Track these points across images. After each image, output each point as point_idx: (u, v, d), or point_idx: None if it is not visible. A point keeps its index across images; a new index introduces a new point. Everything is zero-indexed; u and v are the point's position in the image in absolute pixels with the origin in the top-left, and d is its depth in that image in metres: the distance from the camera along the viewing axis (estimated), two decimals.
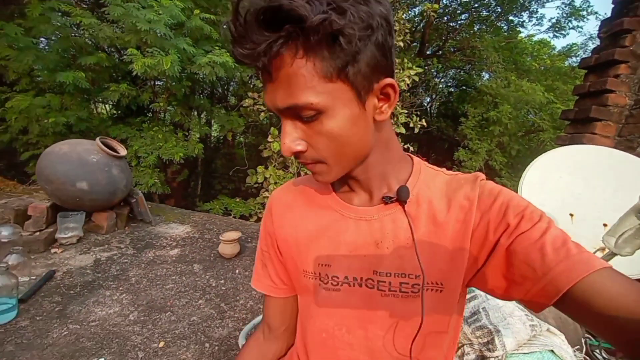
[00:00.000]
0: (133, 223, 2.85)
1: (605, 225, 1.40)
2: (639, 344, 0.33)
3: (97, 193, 2.34)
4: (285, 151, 0.43)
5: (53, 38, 3.84)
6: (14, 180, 3.66)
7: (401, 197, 0.50)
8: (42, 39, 3.98)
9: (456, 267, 0.47)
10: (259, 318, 1.12)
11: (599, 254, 1.29)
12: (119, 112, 5.24)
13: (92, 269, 2.11)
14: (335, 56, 0.38)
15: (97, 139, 2.47)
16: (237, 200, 5.28)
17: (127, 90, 3.96)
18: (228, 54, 3.97)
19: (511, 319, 0.96)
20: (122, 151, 2.60)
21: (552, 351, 0.81)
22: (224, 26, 0.40)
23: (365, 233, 0.52)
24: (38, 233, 2.22)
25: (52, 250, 2.24)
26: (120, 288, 1.95)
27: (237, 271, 2.30)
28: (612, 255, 1.13)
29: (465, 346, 0.90)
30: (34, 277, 1.89)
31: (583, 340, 1.30)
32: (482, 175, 0.52)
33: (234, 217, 4.70)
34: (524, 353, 0.79)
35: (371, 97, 0.44)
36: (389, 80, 0.44)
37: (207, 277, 2.18)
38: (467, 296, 1.15)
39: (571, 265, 0.37)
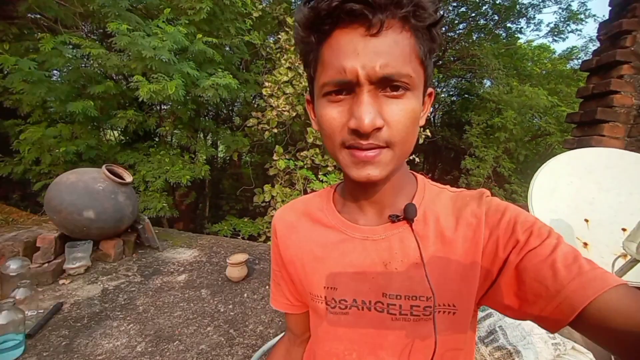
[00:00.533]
0: (140, 249, 2.85)
1: (624, 230, 1.34)
2: None
3: (104, 221, 2.36)
4: (367, 125, 0.38)
5: (64, 70, 4.00)
6: (27, 211, 3.73)
7: (408, 215, 0.49)
8: (54, 71, 4.15)
9: (468, 287, 0.46)
10: (269, 344, 1.08)
11: (621, 261, 1.23)
12: (127, 138, 5.36)
13: (100, 299, 2.10)
14: (427, 42, 0.41)
15: (103, 166, 2.51)
16: (246, 220, 5.28)
17: (134, 116, 4.06)
18: (231, 76, 4.07)
19: (531, 338, 0.90)
20: (128, 178, 2.64)
21: None
22: None
23: (373, 253, 0.50)
24: (47, 264, 2.23)
25: (61, 282, 2.24)
26: (128, 318, 1.93)
27: (245, 295, 2.25)
28: (635, 261, 1.07)
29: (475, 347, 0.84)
30: (41, 311, 1.88)
31: (613, 358, 1.22)
32: (487, 192, 0.51)
33: (243, 238, 4.68)
34: None
35: (424, 98, 0.46)
36: (431, 88, 0.46)
37: (215, 302, 2.14)
38: (482, 314, 1.09)
39: (585, 283, 0.36)
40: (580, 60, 8.85)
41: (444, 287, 0.46)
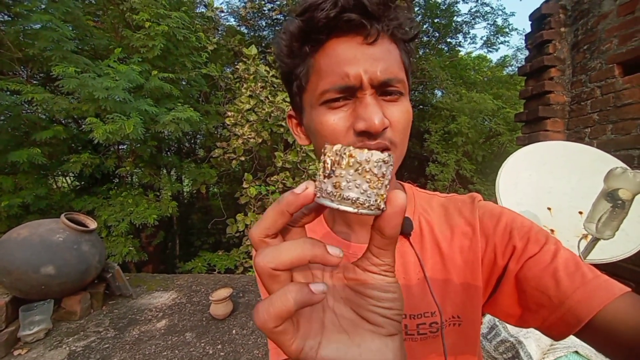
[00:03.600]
0: (111, 300, 2.60)
1: (580, 212, 1.47)
2: None
3: (66, 275, 2.13)
4: (377, 125, 0.39)
5: (1, 117, 3.69)
6: None
7: (405, 230, 0.48)
8: None
9: (471, 297, 0.45)
10: None
11: (584, 242, 1.34)
12: (82, 182, 5.01)
13: None
14: (407, 55, 0.45)
15: (62, 215, 2.30)
16: (220, 253, 5.06)
17: (90, 160, 3.82)
18: (191, 109, 4.02)
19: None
20: (92, 224, 2.44)
21: (576, 352, 0.79)
22: None
23: None
24: None
25: (16, 352, 1.95)
26: None
27: (234, 332, 2.12)
28: (596, 240, 1.17)
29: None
30: None
31: None
32: (479, 196, 0.51)
33: (220, 273, 4.46)
34: None
35: None
36: None
37: (203, 344, 2.00)
38: None
39: (590, 293, 0.35)
40: (513, 67, 9.96)
41: (446, 299, 0.45)
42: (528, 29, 2.59)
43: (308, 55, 0.43)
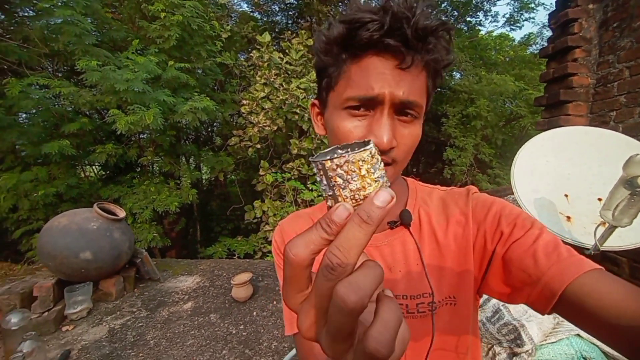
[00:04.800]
0: (141, 283, 2.79)
1: (600, 199, 1.45)
2: (634, 344, 0.31)
3: (102, 260, 2.31)
4: (385, 144, 0.43)
5: (34, 111, 3.90)
6: (8, 261, 3.57)
7: (405, 221, 0.54)
8: (21, 114, 4.03)
9: (464, 279, 0.50)
10: (289, 356, 1.10)
11: (601, 229, 1.33)
12: (108, 172, 5.23)
13: (108, 340, 2.05)
14: (435, 80, 0.48)
15: (95, 205, 2.47)
16: (239, 239, 5.23)
17: (114, 150, 3.99)
18: (208, 98, 4.09)
19: (532, 310, 0.97)
20: (121, 213, 2.60)
21: (578, 335, 0.83)
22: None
23: (377, 259, 0.54)
24: (47, 313, 2.15)
25: (64, 329, 2.17)
26: (141, 354, 1.89)
27: (254, 313, 2.26)
28: (613, 228, 1.17)
29: (495, 346, 0.91)
30: None
31: None
32: (475, 189, 0.56)
33: (239, 257, 4.63)
34: (552, 343, 0.81)
35: None
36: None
37: (226, 325, 2.14)
38: (485, 297, 1.16)
39: (562, 269, 0.38)
40: (537, 46, 9.41)
41: (442, 282, 0.50)
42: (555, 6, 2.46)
43: (343, 61, 0.46)
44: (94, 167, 5.30)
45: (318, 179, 0.25)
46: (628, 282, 0.35)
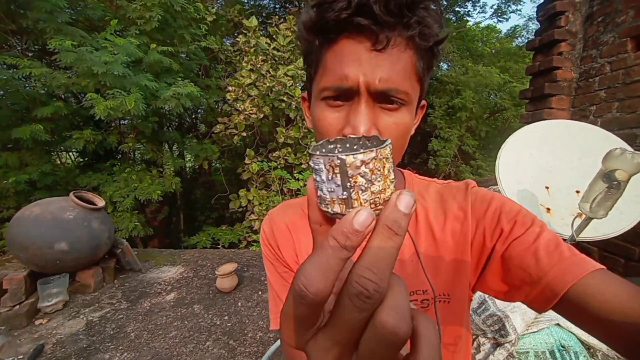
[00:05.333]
0: (122, 274, 2.72)
1: (577, 192, 1.49)
2: (636, 345, 0.31)
3: (79, 251, 2.22)
4: (362, 133, 0.39)
5: (1, 93, 3.66)
6: None
7: None
8: None
9: (460, 277, 0.48)
10: (273, 348, 1.09)
11: (578, 220, 1.37)
12: (86, 159, 5.03)
13: (85, 333, 1.99)
14: (427, 59, 0.43)
15: (71, 193, 2.36)
16: (224, 228, 5.17)
17: (92, 136, 3.82)
18: (192, 84, 3.95)
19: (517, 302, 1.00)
20: (100, 202, 2.50)
21: (558, 324, 0.85)
22: None
23: None
24: (18, 307, 2.06)
25: (37, 322, 2.09)
26: (120, 347, 1.85)
27: (239, 304, 2.24)
28: (589, 219, 1.20)
29: (479, 337, 0.93)
30: (20, 357, 1.76)
31: None
32: (473, 183, 0.53)
33: (224, 247, 4.59)
34: (533, 332, 0.83)
35: (417, 110, 0.47)
36: (424, 101, 0.49)
37: (210, 316, 2.12)
38: None
39: (565, 269, 0.37)
40: (523, 39, 9.54)
41: (437, 278, 0.48)
42: None
43: (318, 48, 0.43)
44: (71, 153, 5.08)
45: (321, 178, 0.21)
46: (632, 283, 0.35)
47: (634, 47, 1.90)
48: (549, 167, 1.62)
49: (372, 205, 0.20)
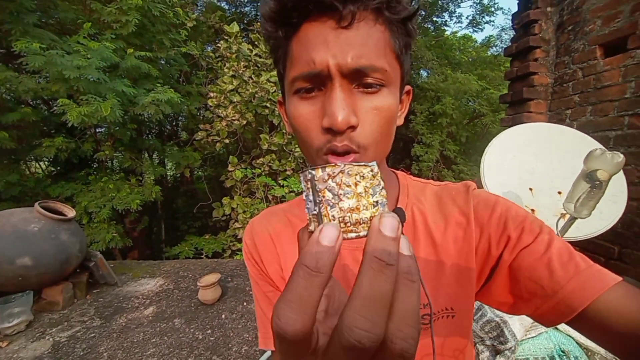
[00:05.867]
0: (95, 289, 2.55)
1: (559, 193, 1.52)
2: None
3: (45, 266, 2.06)
4: (341, 123, 0.35)
5: None
6: None
7: None
8: None
9: (464, 288, 0.44)
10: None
11: (562, 221, 1.39)
12: (58, 168, 4.79)
13: (51, 356, 1.82)
14: (402, 37, 0.39)
15: (36, 204, 2.20)
16: (207, 237, 5.03)
17: (64, 144, 3.63)
18: (172, 90, 3.84)
19: None
20: (70, 212, 2.34)
21: (556, 328, 0.84)
22: None
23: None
24: None
25: None
26: None
27: (223, 316, 2.14)
28: (574, 219, 1.22)
29: (477, 345, 0.90)
30: None
31: None
32: (473, 184, 0.49)
33: (207, 257, 4.44)
34: (532, 337, 0.81)
35: (401, 96, 0.43)
36: (408, 86, 0.45)
37: (192, 330, 2.00)
38: None
39: (583, 283, 0.35)
40: (497, 48, 9.99)
41: (439, 291, 0.44)
42: (513, 8, 2.57)
43: (282, 40, 0.39)
44: (41, 162, 4.81)
45: (304, 196, 0.21)
46: None
47: (602, 54, 1.99)
48: (531, 169, 1.65)
49: (342, 224, 0.20)
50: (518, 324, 0.84)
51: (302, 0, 0.35)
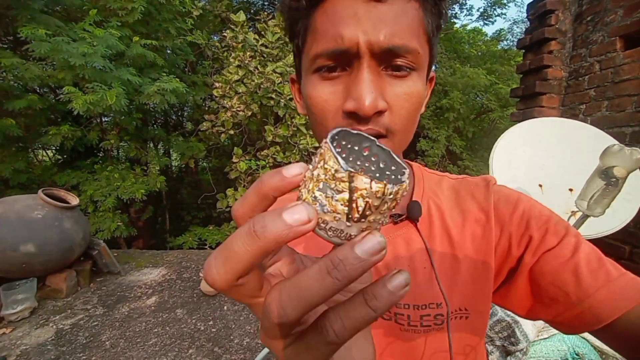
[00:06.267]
0: (98, 277, 2.57)
1: (571, 190, 1.47)
2: None
3: (48, 253, 2.07)
4: (368, 107, 0.32)
5: None
6: None
7: (413, 215, 0.43)
8: None
9: (481, 288, 0.42)
10: (261, 355, 1.02)
11: (573, 219, 1.35)
12: (64, 156, 4.82)
13: (54, 343, 1.84)
14: (435, 17, 0.36)
15: (40, 191, 2.20)
16: (211, 228, 5.05)
17: (70, 132, 3.64)
18: (177, 80, 3.81)
19: None
20: (74, 200, 2.35)
21: None
22: None
23: None
24: None
25: (0, 332, 1.93)
26: (93, 358, 1.72)
27: (225, 308, 2.14)
28: (585, 217, 1.18)
29: (487, 345, 0.87)
30: None
31: None
32: (494, 179, 0.46)
33: (211, 248, 4.47)
34: (544, 339, 0.78)
35: (427, 81, 0.41)
36: (432, 72, 0.42)
37: (194, 321, 2.01)
38: None
39: (615, 293, 0.32)
40: (508, 42, 9.76)
41: (454, 291, 0.42)
42: (526, 1, 2.47)
43: (304, 10, 0.36)
44: (48, 150, 4.85)
45: (313, 158, 0.18)
46: None
47: (622, 46, 1.91)
48: (541, 164, 1.60)
49: (321, 219, 0.17)
50: (530, 325, 0.81)
51: None
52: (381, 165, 0.22)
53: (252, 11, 7.37)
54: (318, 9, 0.35)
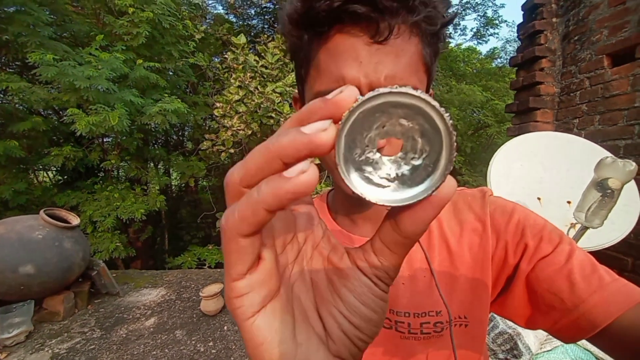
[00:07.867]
0: (97, 299, 2.52)
1: (569, 202, 1.48)
2: None
3: (47, 274, 2.05)
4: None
5: None
6: None
7: None
8: None
9: (479, 296, 0.43)
10: None
11: (572, 231, 1.35)
12: (65, 177, 4.84)
13: None
14: (434, 45, 0.38)
15: (41, 211, 2.20)
16: (210, 247, 4.99)
17: (72, 153, 3.68)
18: (179, 100, 3.89)
19: None
20: (74, 220, 2.35)
21: None
22: None
23: None
24: None
25: None
26: None
27: (225, 328, 2.09)
28: (585, 229, 1.18)
29: (490, 358, 0.85)
30: None
31: None
32: (490, 190, 0.48)
33: (210, 267, 4.41)
34: (547, 351, 0.77)
35: None
36: (431, 91, 0.45)
37: (193, 342, 1.96)
38: None
39: (608, 297, 0.33)
40: (501, 59, 10.05)
41: (453, 299, 0.43)
42: (517, 21, 2.59)
43: (307, 44, 0.38)
44: (49, 171, 4.88)
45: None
46: None
47: (610, 64, 1.98)
48: (539, 178, 1.62)
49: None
50: (532, 337, 0.80)
51: (335, 9, 0.33)
52: None
53: (252, 34, 7.62)
54: (321, 45, 0.36)
